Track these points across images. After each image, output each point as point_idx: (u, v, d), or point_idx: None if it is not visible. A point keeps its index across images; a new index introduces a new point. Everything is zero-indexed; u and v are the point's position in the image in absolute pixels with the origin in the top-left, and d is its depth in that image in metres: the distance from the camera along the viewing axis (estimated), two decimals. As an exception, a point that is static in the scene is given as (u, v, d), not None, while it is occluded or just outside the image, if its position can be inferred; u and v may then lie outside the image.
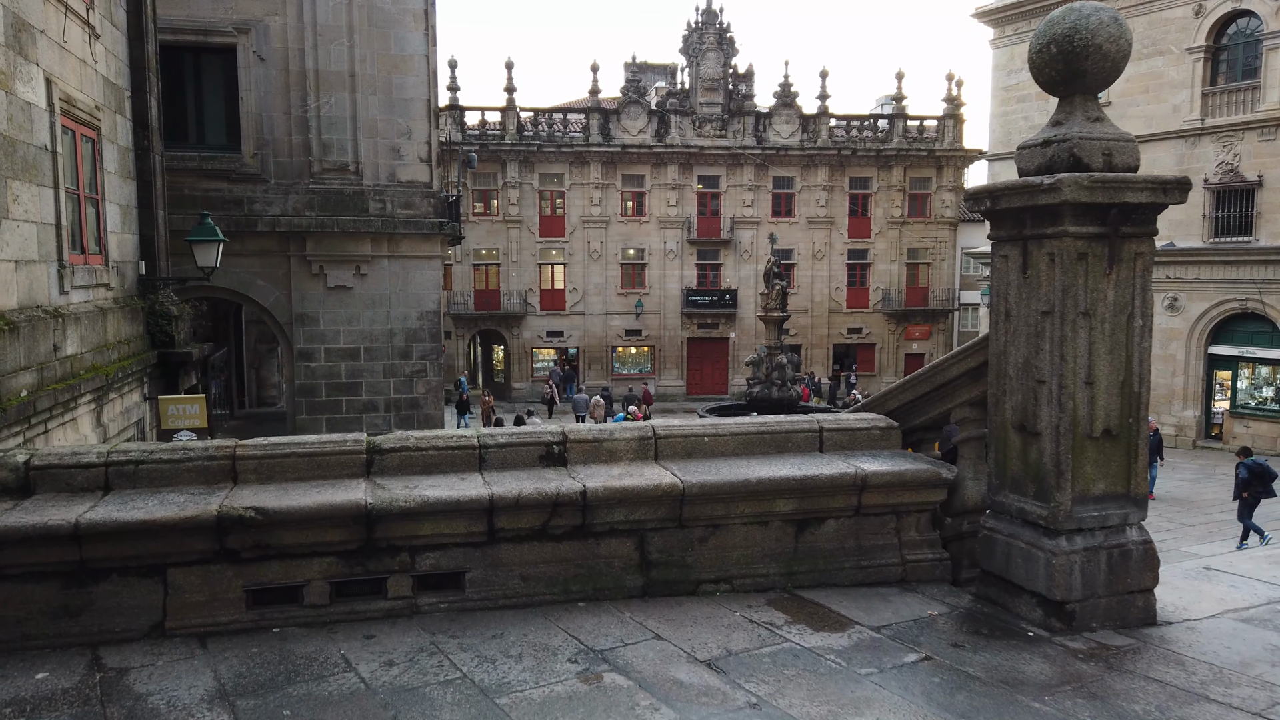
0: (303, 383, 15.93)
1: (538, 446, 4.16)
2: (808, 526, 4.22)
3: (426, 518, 3.72)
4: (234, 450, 3.86)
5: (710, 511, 4.06)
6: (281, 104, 15.48)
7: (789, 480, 4.07)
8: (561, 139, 40.74)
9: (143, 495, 3.65)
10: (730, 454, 4.34)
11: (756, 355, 29.24)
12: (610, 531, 3.99)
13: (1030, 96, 30.38)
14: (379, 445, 4.03)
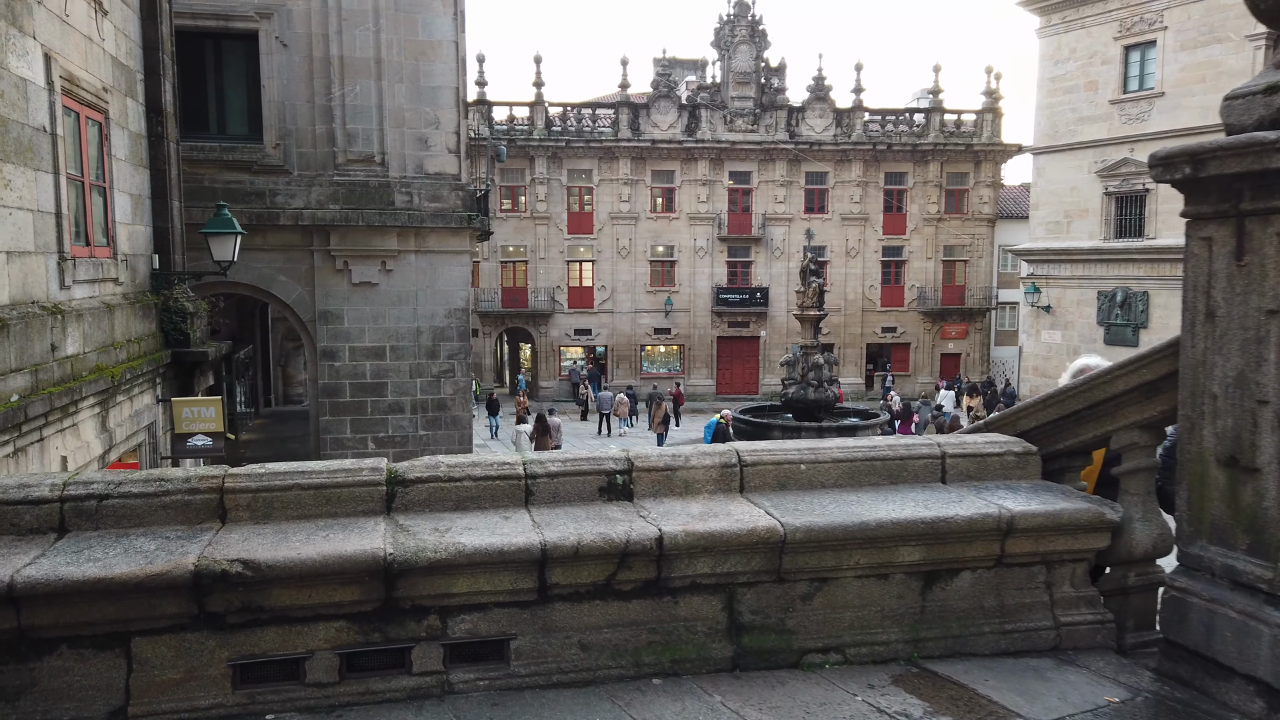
0: (326, 383, 15.26)
1: (597, 476, 3.35)
2: (937, 580, 3.38)
3: (462, 571, 2.93)
4: (222, 482, 3.08)
5: (817, 562, 3.23)
6: (305, 92, 14.79)
7: (917, 523, 3.23)
8: (590, 134, 39.96)
9: (105, 540, 2.89)
10: (832, 485, 3.51)
11: (791, 355, 28.30)
12: (691, 587, 3.18)
13: (1078, 88, 29.21)
14: (402, 475, 3.24)
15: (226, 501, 3.07)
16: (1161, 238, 27.19)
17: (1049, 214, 30.64)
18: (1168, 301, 27.22)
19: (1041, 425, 3.77)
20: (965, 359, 44.08)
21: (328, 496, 3.12)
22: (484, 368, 40.43)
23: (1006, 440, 3.78)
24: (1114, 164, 28.28)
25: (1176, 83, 26.51)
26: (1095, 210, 29.02)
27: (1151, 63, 27.22)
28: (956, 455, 3.65)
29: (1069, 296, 30.12)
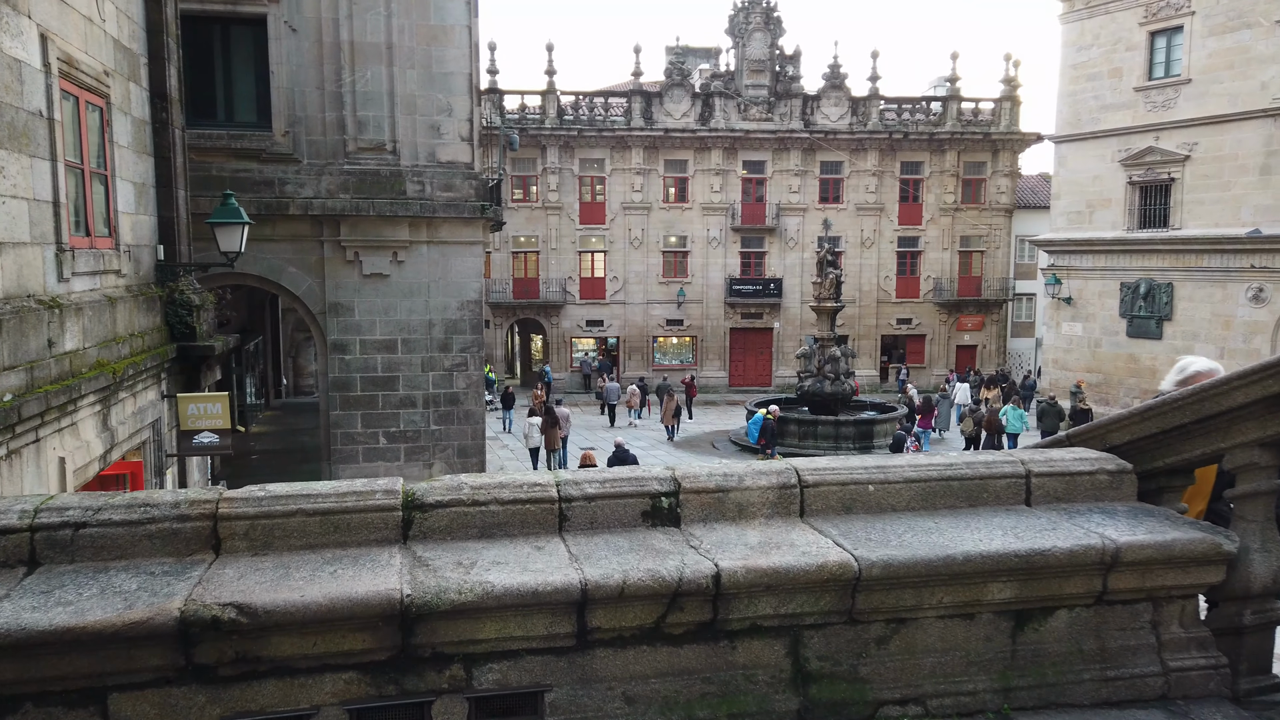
0: (336, 376, 14.92)
1: (640, 499, 2.95)
2: (1030, 620, 2.97)
3: (490, 614, 2.54)
4: (216, 507, 2.70)
5: (895, 601, 2.83)
6: (314, 78, 14.42)
7: (1010, 556, 2.83)
8: (602, 123, 39.46)
9: (80, 577, 2.52)
10: (904, 508, 3.11)
11: (807, 348, 27.85)
12: (751, 630, 2.78)
13: (1101, 74, 28.57)
14: (420, 499, 2.85)
15: (221, 530, 2.69)
16: (1187, 228, 26.60)
17: (1071, 204, 30.04)
18: (1192, 293, 26.68)
19: (1138, 440, 3.36)
20: (981, 351, 43.50)
21: (336, 524, 2.74)
22: (495, 359, 40.06)
23: (1097, 456, 3.36)
24: (1138, 153, 27.66)
25: (1204, 69, 25.86)
26: (1118, 200, 28.42)
27: (1178, 49, 26.56)
28: (1043, 474, 3.24)
29: (1091, 288, 29.55)
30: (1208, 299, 26.22)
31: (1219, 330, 25.98)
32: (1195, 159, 26.21)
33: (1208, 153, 25.88)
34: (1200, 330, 26.45)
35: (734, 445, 26.30)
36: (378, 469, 15.08)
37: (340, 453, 14.98)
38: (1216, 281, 25.97)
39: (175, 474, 10.27)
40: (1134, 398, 28.26)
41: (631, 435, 27.95)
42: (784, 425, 25.69)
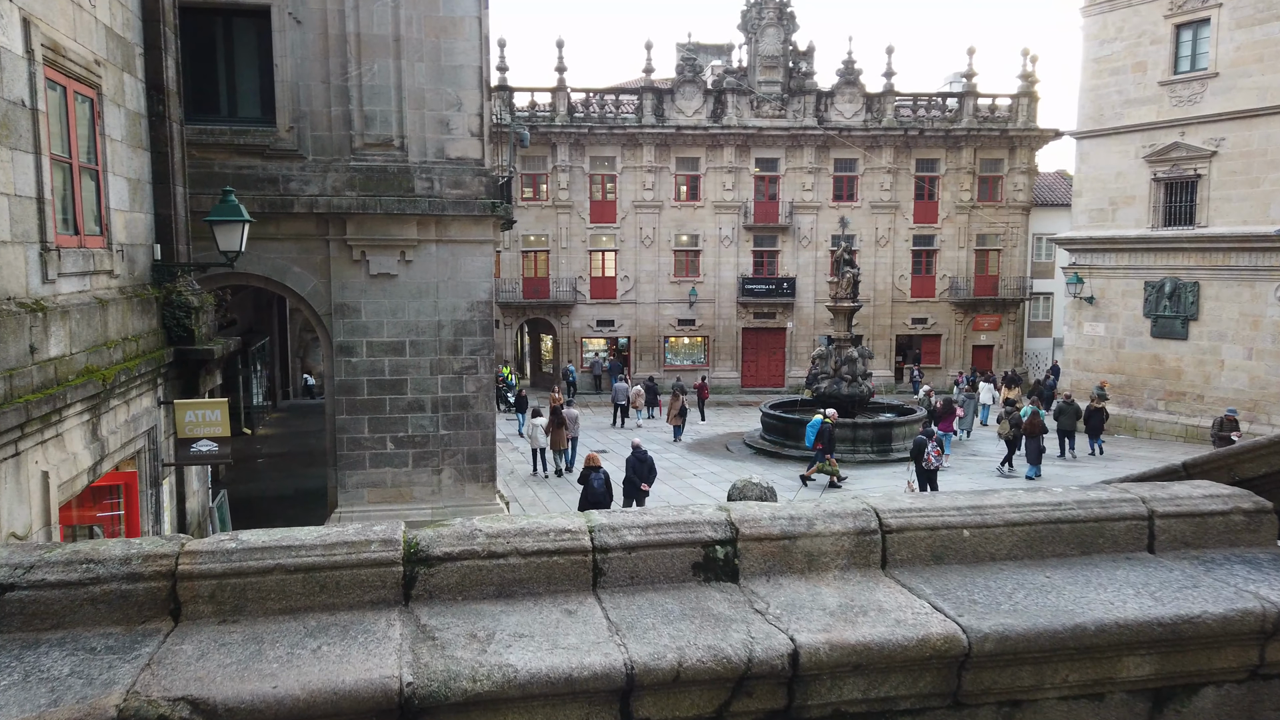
0: (342, 379, 14.46)
1: (690, 548, 2.44)
2: (1170, 701, 2.43)
3: (512, 706, 2.02)
4: (175, 564, 2.19)
5: (1010, 680, 2.30)
6: (320, 72, 13.96)
7: (1152, 625, 2.30)
8: (613, 120, 38.95)
9: (3, 657, 2.02)
10: (1005, 556, 2.59)
11: (823, 349, 27.28)
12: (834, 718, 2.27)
13: (1125, 69, 27.90)
14: (425, 550, 2.34)
15: (181, 591, 2.19)
16: (1214, 226, 25.93)
17: (1093, 201, 29.37)
18: (1219, 293, 26.01)
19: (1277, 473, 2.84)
20: (998, 351, 42.84)
21: (322, 582, 2.24)
22: (505, 360, 39.62)
23: (1229, 493, 2.84)
24: (1163, 149, 26.98)
25: (1232, 63, 25.18)
26: (1142, 197, 27.74)
27: (1204, 42, 25.88)
28: (1168, 515, 2.72)
29: (1113, 287, 28.88)
30: (1235, 298, 25.54)
31: (1247, 330, 25.30)
32: (1222, 155, 25.53)
33: (1235, 148, 25.19)
34: (1228, 330, 25.77)
35: (748, 448, 25.76)
36: (385, 475, 14.62)
37: (346, 459, 14.52)
38: (1245, 280, 25.29)
39: (172, 484, 9.81)
40: (1158, 399, 27.63)
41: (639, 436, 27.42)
42: (799, 427, 25.13)
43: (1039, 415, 22.81)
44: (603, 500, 15.51)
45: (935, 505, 2.62)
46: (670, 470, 22.29)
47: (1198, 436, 26.49)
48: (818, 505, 2.59)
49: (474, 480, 14.90)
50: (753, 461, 23.86)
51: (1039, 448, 21.49)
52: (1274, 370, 24.71)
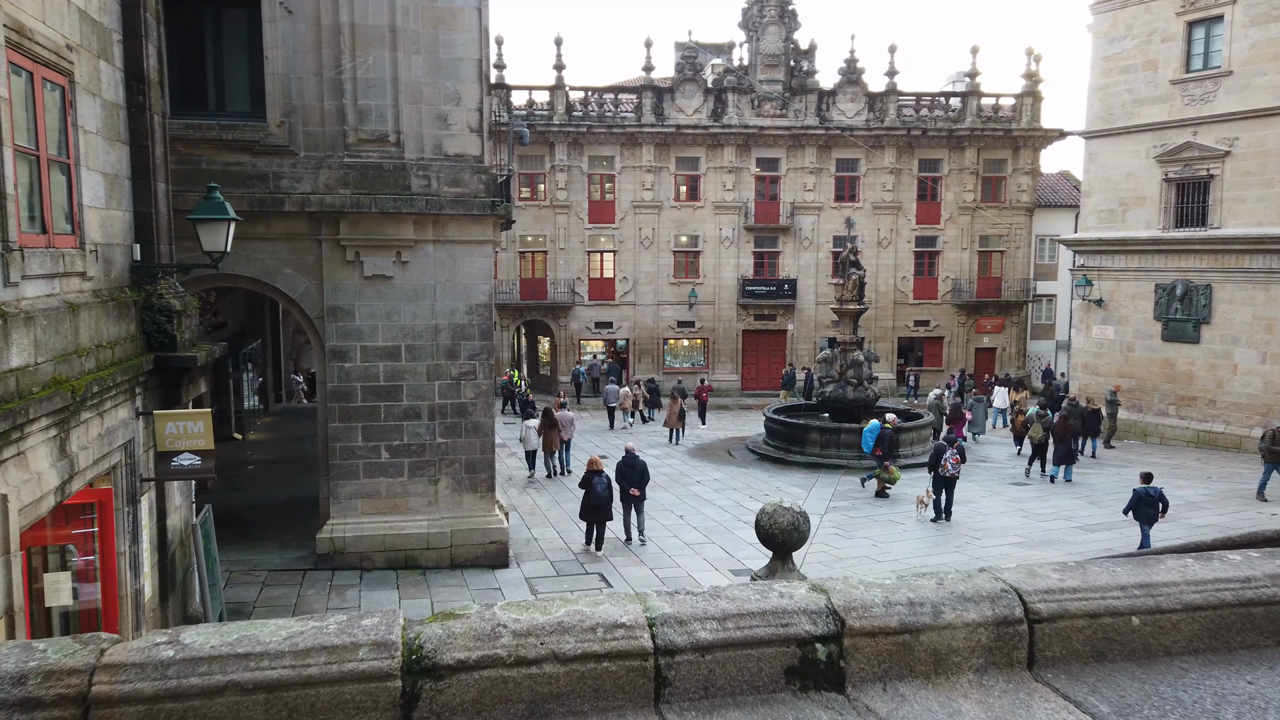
0: (336, 385, 13.86)
1: (781, 647, 1.86)
2: None
3: None
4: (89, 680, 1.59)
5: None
6: (312, 64, 13.36)
7: None
8: (612, 119, 38.39)
9: None
10: (1183, 649, 2.04)
11: (828, 352, 26.72)
12: None
13: (1135, 66, 27.40)
14: (432, 656, 1.74)
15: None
16: (1227, 227, 25.43)
17: (1102, 201, 28.85)
18: (1232, 295, 25.51)
19: None
20: (1001, 354, 42.37)
21: (292, 704, 1.65)
22: (501, 361, 39.03)
23: None
24: (1175, 148, 26.48)
25: (1246, 61, 24.68)
26: (1153, 198, 27.24)
27: (1218, 39, 25.39)
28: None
29: (1123, 289, 28.37)
30: (1249, 301, 25.03)
31: (1261, 334, 24.79)
32: (1236, 155, 25.03)
33: (1250, 148, 24.70)
34: (1241, 334, 25.26)
35: (751, 453, 25.19)
36: (379, 485, 14.02)
37: (339, 468, 13.93)
38: (1259, 283, 24.78)
39: (152, 500, 9.20)
40: (1169, 404, 27.12)
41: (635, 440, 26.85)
42: (805, 433, 24.60)
43: (1069, 418, 22.75)
44: (605, 505, 15.23)
45: (1092, 583, 2.04)
46: (672, 477, 21.71)
47: (1209, 442, 25.99)
48: (939, 583, 2.02)
49: (472, 490, 14.31)
50: (757, 468, 23.29)
51: (1070, 451, 21.48)
52: (1289, 375, 24.20)
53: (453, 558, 14.08)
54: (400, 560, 13.94)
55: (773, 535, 5.79)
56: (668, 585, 13.42)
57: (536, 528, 16.69)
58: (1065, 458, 21.27)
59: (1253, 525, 16.65)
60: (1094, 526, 16.53)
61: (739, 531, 16.49)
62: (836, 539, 15.99)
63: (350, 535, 13.88)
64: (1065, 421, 22.66)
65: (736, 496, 19.53)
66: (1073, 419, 23.70)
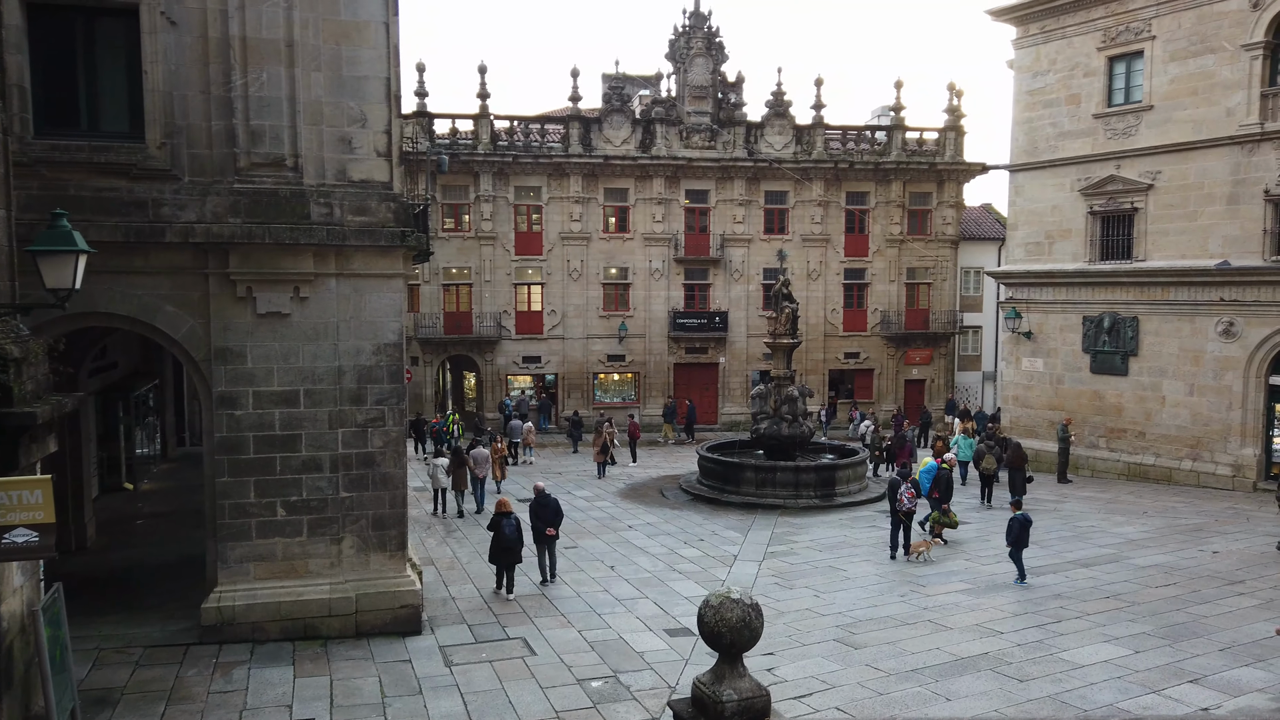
0: (224, 436, 12.44)
1: None
2: None
3: None
4: None
5: None
6: (198, 80, 12.08)
7: None
8: (539, 149, 37.55)
9: None
10: None
11: (762, 388, 26.02)
12: None
13: (1058, 100, 27.69)
14: None
15: None
16: (1152, 260, 25.66)
17: (1029, 234, 28.99)
18: (1159, 327, 25.69)
19: None
20: (930, 385, 42.53)
21: None
22: (424, 399, 37.50)
23: None
24: (1099, 181, 26.73)
25: (1166, 95, 25.07)
26: (1079, 230, 27.43)
27: (1138, 74, 25.77)
28: None
29: (1051, 322, 28.45)
30: (1175, 333, 25.21)
31: (1188, 366, 24.95)
32: (1159, 188, 25.32)
33: (1172, 182, 25.00)
34: (1168, 366, 25.41)
35: (685, 493, 24.25)
36: (274, 547, 12.60)
37: (228, 528, 12.46)
38: (1184, 315, 24.99)
39: (-20, 584, 7.73)
40: (1099, 437, 27.14)
41: (561, 480, 25.70)
42: (740, 472, 23.76)
43: (1022, 446, 23.32)
44: (515, 547, 14.66)
45: None
46: (603, 522, 20.59)
47: (1140, 474, 26.02)
48: None
49: (380, 549, 12.97)
50: (691, 509, 22.33)
51: (1024, 478, 21.74)
52: (1216, 407, 24.36)
53: (359, 625, 12.70)
54: (298, 630, 12.51)
55: (719, 634, 4.76)
56: (598, 649, 12.27)
57: (455, 584, 15.38)
58: (1020, 487, 21.01)
59: (1194, 565, 16.31)
60: (1040, 569, 15.95)
61: (673, 583, 15.46)
62: (776, 589, 15.06)
63: (241, 604, 12.39)
64: (1018, 450, 22.95)
65: (670, 543, 18.51)
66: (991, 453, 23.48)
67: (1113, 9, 25.99)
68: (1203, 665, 11.14)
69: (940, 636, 12.51)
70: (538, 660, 11.83)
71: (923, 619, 13.34)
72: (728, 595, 4.75)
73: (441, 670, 11.45)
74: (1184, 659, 11.46)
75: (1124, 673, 11.07)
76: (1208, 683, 10.68)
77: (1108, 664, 11.38)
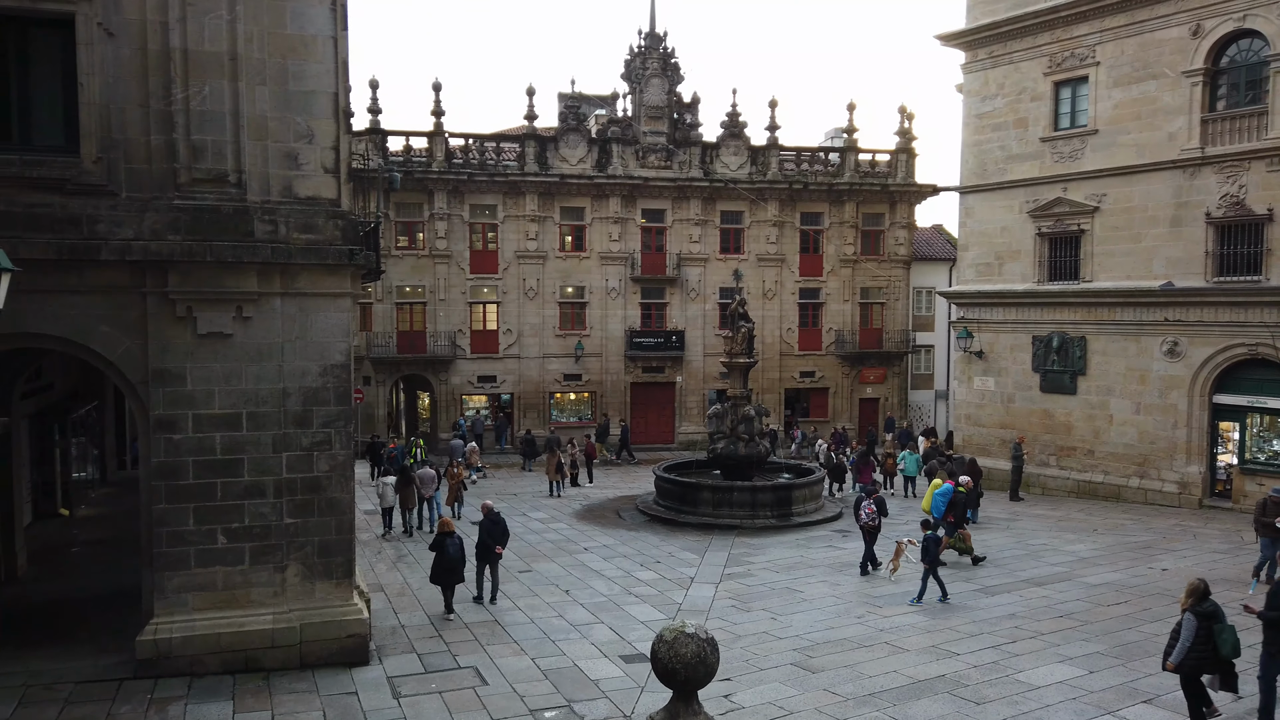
0: (163, 460, 11.97)
1: None
2: None
3: None
4: None
5: None
6: (137, 94, 11.71)
7: None
8: (494, 168, 37.36)
9: None
10: None
11: (719, 408, 25.94)
12: None
13: (1007, 124, 28.20)
14: None
15: None
16: (1098, 280, 26.14)
17: (979, 255, 29.40)
18: (1106, 347, 26.16)
19: None
20: (884, 403, 42.92)
21: None
22: (376, 419, 36.87)
23: None
24: (1047, 204, 27.22)
25: (1110, 120, 25.64)
26: (1028, 251, 27.89)
27: (1084, 99, 26.34)
28: None
29: (1002, 341, 28.82)
30: (1122, 353, 25.68)
31: (1135, 385, 25.41)
32: (1104, 210, 25.84)
33: (1117, 204, 25.53)
34: (1116, 385, 25.85)
35: (642, 514, 24.02)
36: (215, 576, 12.13)
37: (166, 557, 11.97)
38: (1130, 335, 25.47)
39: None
40: (1050, 455, 27.49)
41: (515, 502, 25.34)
42: (696, 492, 23.63)
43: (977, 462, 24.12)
44: (457, 567, 14.74)
45: None
46: (559, 545, 20.28)
47: (1089, 492, 26.37)
48: None
49: (326, 577, 12.56)
50: (648, 530, 22.11)
51: (978, 494, 22.37)
52: (1162, 425, 24.82)
53: (303, 656, 12.25)
54: (239, 662, 12.03)
55: (673, 671, 4.57)
56: (551, 678, 11.97)
57: (405, 611, 14.97)
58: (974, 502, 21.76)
59: (1144, 583, 16.48)
60: (994, 589, 15.99)
61: (630, 607, 15.21)
62: (733, 612, 14.89)
63: (179, 635, 11.89)
64: (974, 465, 23.62)
65: (627, 565, 18.26)
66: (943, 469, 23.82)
67: (1058, 35, 26.57)
68: (1155, 685, 11.18)
69: (897, 659, 12.42)
70: (489, 690, 11.50)
71: (880, 640, 13.26)
72: (682, 629, 4.56)
73: (389, 702, 11.07)
74: (1137, 678, 11.49)
75: (1079, 693, 11.07)
76: (1160, 702, 10.70)
77: (1063, 685, 11.36)
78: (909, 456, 27.56)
